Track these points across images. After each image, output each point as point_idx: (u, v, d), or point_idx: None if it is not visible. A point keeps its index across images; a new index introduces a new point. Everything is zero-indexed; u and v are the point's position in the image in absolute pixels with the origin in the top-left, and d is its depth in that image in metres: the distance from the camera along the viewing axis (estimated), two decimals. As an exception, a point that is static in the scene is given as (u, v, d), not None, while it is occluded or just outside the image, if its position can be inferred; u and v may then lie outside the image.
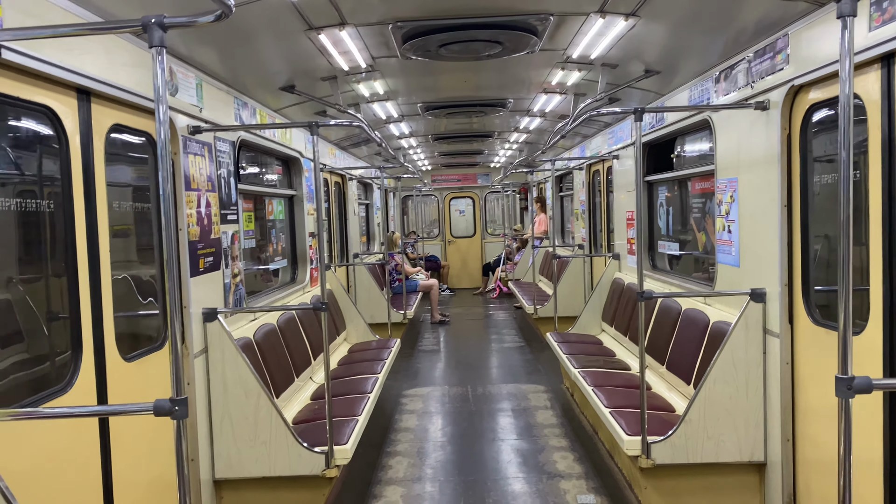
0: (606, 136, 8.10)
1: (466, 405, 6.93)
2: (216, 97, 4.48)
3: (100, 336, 3.08)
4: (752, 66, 4.15)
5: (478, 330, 11.56)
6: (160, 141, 2.00)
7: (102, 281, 3.11)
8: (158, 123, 1.99)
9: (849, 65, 1.96)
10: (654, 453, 4.15)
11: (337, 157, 9.01)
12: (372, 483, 5.01)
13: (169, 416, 1.98)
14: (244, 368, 4.16)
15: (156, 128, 2.00)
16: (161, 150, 2.00)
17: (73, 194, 2.94)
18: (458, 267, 16.76)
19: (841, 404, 2.04)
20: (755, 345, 4.14)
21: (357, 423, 4.64)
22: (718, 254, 4.78)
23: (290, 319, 5.67)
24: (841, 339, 2.03)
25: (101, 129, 3.17)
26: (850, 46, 1.97)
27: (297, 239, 6.74)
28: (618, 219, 7.79)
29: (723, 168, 4.68)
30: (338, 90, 5.40)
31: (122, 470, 3.21)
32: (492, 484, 4.96)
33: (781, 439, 3.99)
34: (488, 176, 16.76)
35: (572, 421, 6.28)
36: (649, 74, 5.23)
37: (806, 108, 3.73)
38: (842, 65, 1.99)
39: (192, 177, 4.01)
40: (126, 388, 3.26)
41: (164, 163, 1.99)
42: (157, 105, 1.97)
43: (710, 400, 4.17)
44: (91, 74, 2.98)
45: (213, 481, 4.21)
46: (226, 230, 4.53)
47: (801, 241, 3.83)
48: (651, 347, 5.70)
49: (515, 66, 5.43)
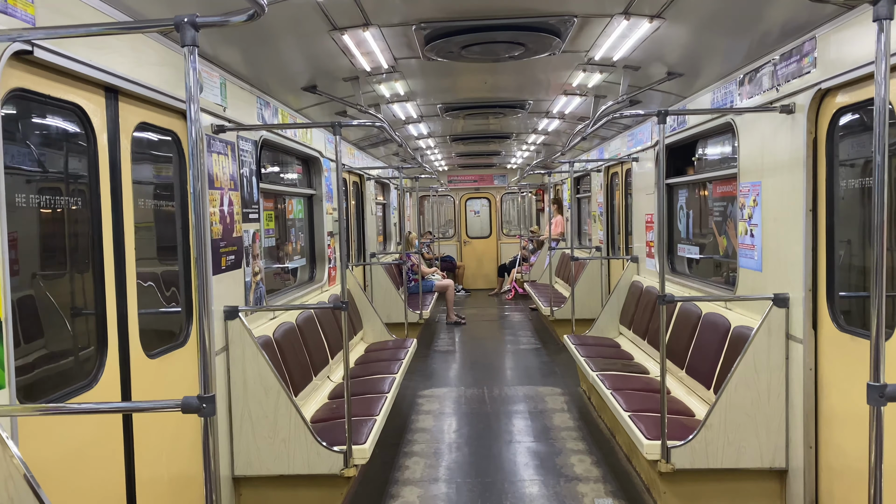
0: (626, 139, 8.06)
1: (482, 406, 6.92)
2: (239, 97, 4.50)
3: (124, 333, 3.11)
4: (777, 68, 4.11)
5: (493, 331, 11.54)
6: (191, 140, 2.01)
7: (128, 278, 3.14)
8: (189, 122, 1.99)
9: (885, 68, 1.94)
10: (674, 458, 4.13)
11: (356, 157, 9.04)
12: (389, 483, 5.01)
13: (196, 414, 1.99)
14: (264, 366, 4.18)
15: (187, 127, 2.01)
16: (192, 149, 2.01)
17: (101, 192, 2.96)
18: (474, 268, 16.75)
19: (872, 412, 2.02)
20: (778, 350, 4.10)
21: (375, 422, 4.65)
22: (740, 258, 4.74)
23: (309, 318, 5.70)
24: (873, 346, 2.00)
25: (128, 128, 3.20)
26: (887, 49, 1.94)
27: (315, 238, 6.76)
28: (636, 221, 7.75)
29: (746, 171, 4.64)
30: (359, 90, 5.41)
31: (145, 466, 3.24)
32: (509, 486, 4.94)
33: (804, 446, 3.95)
34: (505, 177, 16.74)
35: (589, 424, 6.26)
36: (672, 77, 5.20)
37: (833, 111, 3.70)
38: (877, 68, 1.96)
39: (215, 175, 4.03)
40: (149, 384, 3.29)
41: (196, 161, 2.00)
42: (188, 104, 1.98)
43: (732, 405, 4.14)
44: (119, 73, 3.00)
45: (233, 478, 4.24)
46: (247, 229, 4.55)
47: (827, 246, 3.79)
48: (670, 351, 5.66)
49: (536, 67, 5.41)
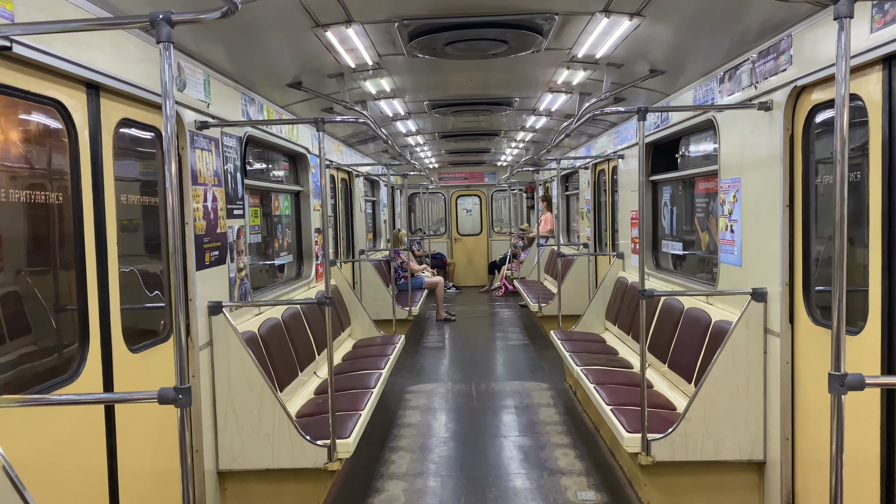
0: (612, 136, 8.12)
1: (470, 402, 6.97)
2: (224, 93, 4.52)
3: (107, 327, 3.13)
4: (755, 66, 4.17)
5: (483, 328, 11.59)
6: (166, 136, 2.04)
7: (110, 273, 3.16)
8: (165, 118, 2.03)
9: (845, 67, 1.98)
10: (654, 450, 4.18)
11: (343, 154, 9.06)
12: (374, 477, 5.05)
13: (173, 405, 2.02)
14: (248, 361, 4.21)
15: (163, 121, 2.04)
16: (167, 145, 2.04)
17: (82, 187, 2.99)
18: (464, 265, 16.80)
19: (834, 401, 2.07)
20: (756, 344, 4.16)
21: (360, 417, 4.68)
22: (721, 253, 4.80)
23: (295, 314, 5.72)
24: (834, 337, 2.05)
25: (110, 124, 3.22)
26: (847, 48, 1.99)
27: (302, 234, 6.78)
28: (622, 218, 7.81)
29: (726, 168, 4.70)
30: (344, 87, 5.44)
31: (128, 460, 3.27)
32: (493, 480, 4.99)
33: (781, 438, 4.01)
34: (495, 174, 16.79)
35: (574, 418, 6.31)
36: (654, 74, 5.25)
37: (808, 108, 3.75)
38: (838, 66, 2.01)
39: (198, 171, 4.06)
40: (132, 378, 3.32)
41: (171, 157, 2.03)
42: (164, 100, 2.01)
43: (711, 398, 4.19)
44: (100, 69, 3.02)
45: (217, 472, 4.27)
46: (232, 225, 4.57)
47: (803, 242, 3.85)
48: (653, 346, 5.72)
49: (521, 64, 5.45)
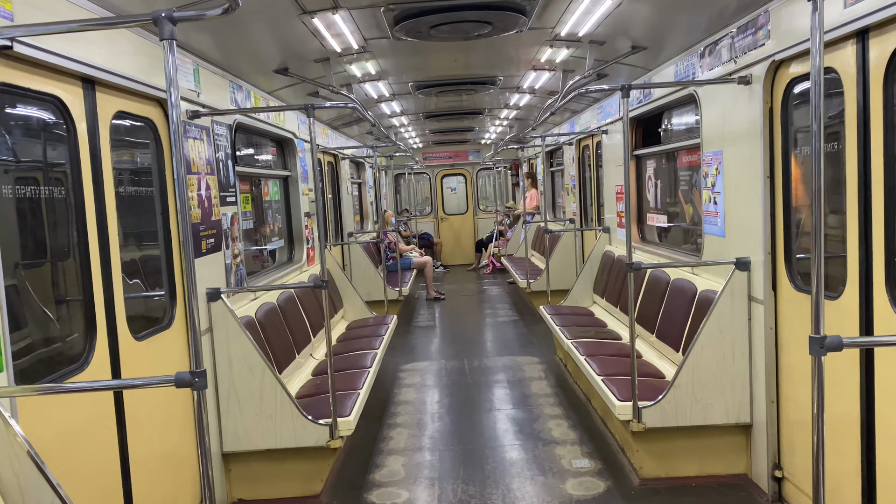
0: (595, 112, 8.21)
1: (463, 378, 7.11)
2: (212, 81, 4.56)
3: (112, 316, 3.21)
4: (735, 41, 4.26)
5: (472, 305, 11.73)
6: (173, 127, 2.11)
7: (112, 263, 3.23)
8: (171, 110, 2.10)
9: (819, 41, 2.08)
10: (645, 417, 4.33)
11: (329, 137, 9.09)
12: (374, 453, 5.18)
13: (190, 388, 2.11)
14: (248, 346, 4.30)
15: (163, 114, 2.11)
16: (174, 137, 2.12)
17: (83, 180, 3.05)
18: (452, 244, 16.90)
19: (814, 362, 2.19)
20: (740, 312, 4.30)
21: (359, 396, 4.80)
22: (705, 225, 4.93)
23: (290, 298, 5.81)
24: (814, 301, 2.17)
25: (106, 116, 3.27)
26: (821, 23, 2.08)
27: (292, 219, 6.85)
28: (607, 193, 7.92)
29: (708, 141, 4.81)
30: (330, 71, 5.49)
31: (138, 444, 3.36)
32: (489, 452, 5.14)
33: (766, 401, 4.17)
34: (479, 153, 16.84)
35: (566, 390, 6.47)
36: (636, 51, 5.33)
37: (787, 82, 3.86)
38: (812, 41, 2.10)
39: (192, 160, 4.11)
40: (137, 365, 3.40)
41: (178, 149, 2.11)
42: (168, 94, 2.08)
43: (698, 365, 4.34)
44: (96, 63, 3.07)
45: (222, 454, 4.37)
46: (225, 212, 4.64)
47: (784, 211, 3.98)
48: (641, 317, 5.87)
49: (505, 44, 5.51)
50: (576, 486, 4.50)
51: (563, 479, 4.61)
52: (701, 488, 4.39)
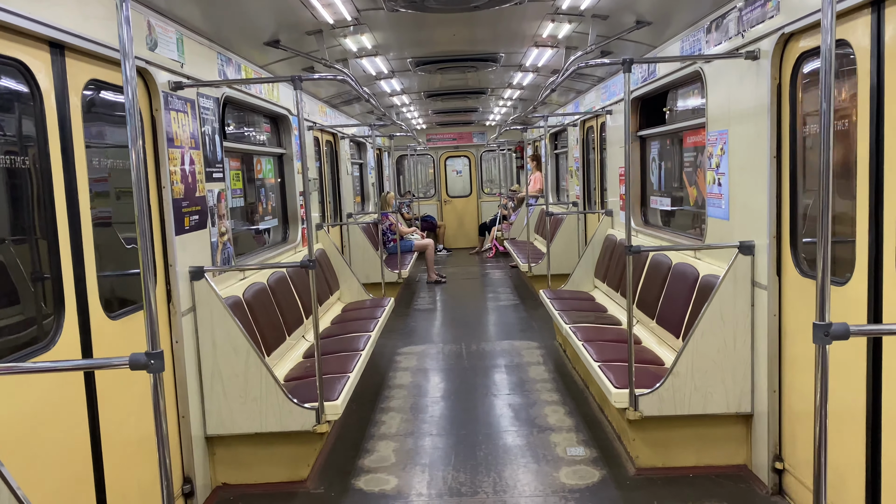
0: (600, 91, 8.00)
1: (460, 362, 6.98)
2: (198, 52, 4.39)
3: (83, 294, 3.07)
4: (742, 14, 4.07)
5: (473, 289, 11.59)
6: (128, 97, 1.94)
7: (84, 239, 3.09)
8: (125, 78, 1.93)
9: (831, 14, 1.89)
10: (642, 405, 4.19)
11: (328, 116, 8.91)
12: (365, 438, 5.06)
13: (145, 370, 1.97)
14: (233, 326, 4.17)
15: (124, 77, 1.94)
16: (130, 107, 1.95)
17: (50, 151, 2.90)
18: (455, 227, 16.74)
19: (818, 351, 2.04)
20: (743, 297, 4.14)
21: (348, 379, 4.67)
22: (709, 207, 4.75)
23: (282, 279, 5.67)
24: (819, 287, 2.01)
25: (77, 85, 3.11)
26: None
27: (287, 198, 6.70)
28: (611, 175, 7.74)
29: (714, 120, 4.62)
30: (324, 45, 5.31)
31: (111, 427, 3.24)
32: (483, 438, 5.01)
33: (768, 390, 4.01)
34: (484, 135, 16.62)
35: (564, 376, 6.33)
36: (641, 25, 5.13)
37: (796, 56, 3.67)
38: (824, 13, 1.92)
39: (174, 134, 3.96)
40: (112, 345, 3.27)
41: (134, 120, 1.95)
42: (122, 58, 1.92)
43: (698, 352, 4.19)
44: (64, 27, 2.91)
45: (206, 438, 4.25)
46: (211, 188, 4.49)
47: (790, 193, 3.80)
48: (641, 303, 5.71)
49: (505, 18, 5.32)
50: (569, 475, 4.37)
51: (557, 468, 4.48)
52: (699, 479, 4.24)
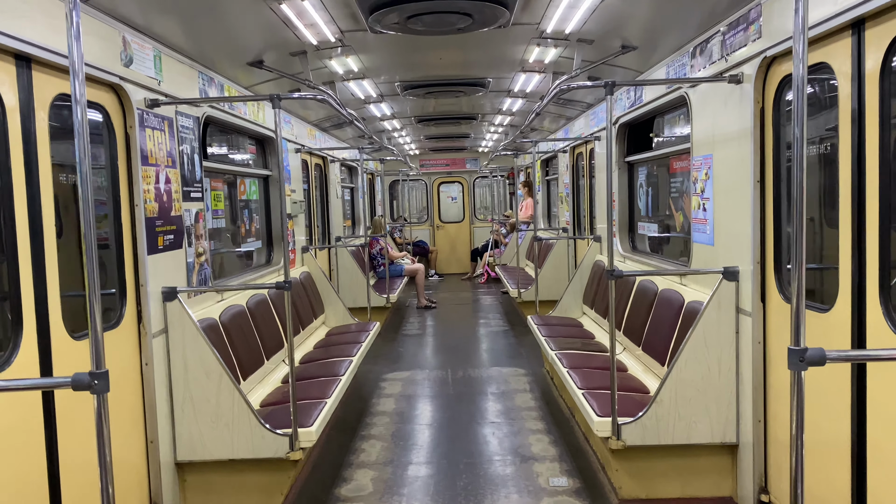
0: (589, 118, 7.99)
1: (445, 389, 6.86)
2: (178, 70, 4.35)
3: (44, 313, 2.98)
4: (726, 38, 4.04)
5: (463, 314, 11.48)
6: (76, 115, 1.85)
7: (47, 257, 3.00)
8: (74, 97, 1.85)
9: (803, 41, 1.84)
10: (625, 435, 4.08)
11: (317, 139, 8.87)
12: (343, 466, 4.93)
13: (88, 391, 1.88)
14: (205, 349, 4.06)
15: (72, 97, 1.86)
16: (78, 126, 1.87)
17: (12, 167, 2.82)
18: (447, 252, 16.66)
19: (793, 377, 1.95)
20: (727, 324, 4.06)
21: (325, 405, 4.55)
22: (694, 232, 4.69)
23: (262, 301, 5.57)
24: (794, 311, 1.93)
25: (44, 99, 3.05)
26: (804, 23, 1.84)
27: (272, 220, 6.62)
28: (599, 201, 7.70)
29: (698, 145, 4.58)
30: (308, 66, 5.27)
31: (70, 451, 3.12)
32: (465, 467, 4.88)
33: (753, 420, 3.91)
34: (477, 161, 16.63)
35: (550, 404, 6.21)
36: (626, 50, 5.11)
37: (779, 80, 3.63)
38: (795, 41, 1.86)
39: (149, 152, 3.89)
40: (74, 366, 3.15)
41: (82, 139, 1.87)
42: (72, 75, 1.84)
43: (682, 380, 4.09)
44: (31, 40, 2.86)
45: (176, 464, 4.12)
46: (189, 208, 4.41)
47: (774, 218, 3.74)
48: (628, 330, 5.63)
49: (491, 42, 5.30)
50: (551, 506, 4.24)
51: (539, 499, 4.35)
52: (683, 511, 4.13)
